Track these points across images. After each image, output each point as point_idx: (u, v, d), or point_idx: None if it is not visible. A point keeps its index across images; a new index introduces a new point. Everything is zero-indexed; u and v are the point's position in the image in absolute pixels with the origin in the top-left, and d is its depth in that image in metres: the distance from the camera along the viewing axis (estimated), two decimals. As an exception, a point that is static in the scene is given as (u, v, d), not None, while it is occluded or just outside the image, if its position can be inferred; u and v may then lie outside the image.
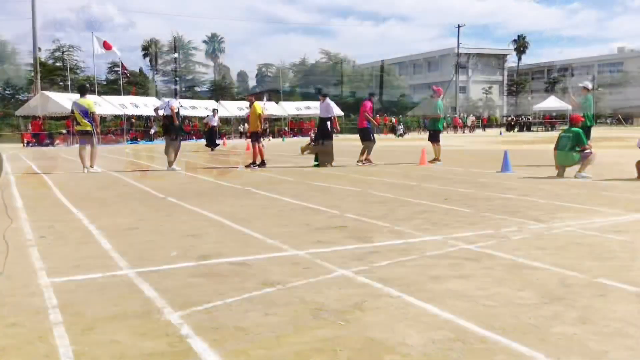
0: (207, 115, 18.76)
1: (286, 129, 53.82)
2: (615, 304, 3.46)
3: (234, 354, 2.86)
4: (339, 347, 2.90)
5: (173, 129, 14.24)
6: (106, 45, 42.12)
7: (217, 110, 25.36)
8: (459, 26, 70.55)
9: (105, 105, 39.29)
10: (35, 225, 6.53)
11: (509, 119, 67.15)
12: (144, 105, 42.93)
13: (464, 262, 4.53)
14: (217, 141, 27.26)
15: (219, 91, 69.18)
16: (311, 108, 56.75)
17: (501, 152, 13.19)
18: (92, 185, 10.89)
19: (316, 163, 14.76)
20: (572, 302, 3.50)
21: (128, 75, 50.86)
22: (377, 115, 61.24)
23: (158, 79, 72.41)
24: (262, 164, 14.59)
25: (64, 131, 37.89)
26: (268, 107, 51.83)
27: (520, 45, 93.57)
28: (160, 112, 14.65)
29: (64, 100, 36.48)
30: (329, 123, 15.10)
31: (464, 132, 55.83)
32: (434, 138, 15.43)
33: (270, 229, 6.09)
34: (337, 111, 15.41)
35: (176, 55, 69.55)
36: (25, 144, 36.03)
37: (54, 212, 7.59)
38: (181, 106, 15.81)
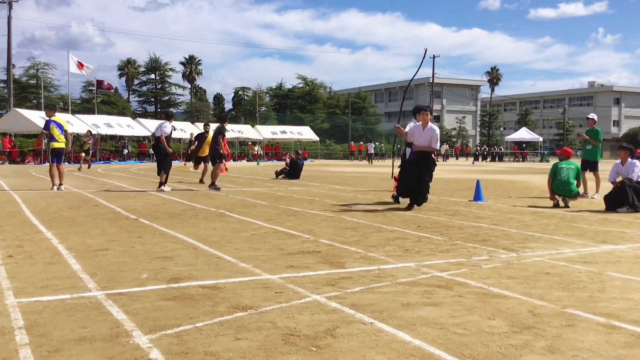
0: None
1: (261, 152, 53.88)
2: (583, 334, 3.51)
3: (204, 378, 2.82)
4: (310, 373, 2.89)
5: (163, 150, 14.14)
6: (79, 66, 42.04)
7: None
8: (434, 56, 71.51)
9: (78, 124, 38.92)
10: (3, 244, 6.41)
11: (482, 148, 68.12)
12: (117, 125, 42.67)
13: (436, 289, 4.56)
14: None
15: (195, 113, 69.02)
16: (287, 132, 57.09)
17: (473, 181, 13.34)
18: (62, 205, 10.73)
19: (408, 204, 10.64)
20: (541, 332, 3.53)
21: (110, 88, 50.52)
22: (361, 142, 61.68)
23: (133, 99, 72.07)
24: (201, 181, 15.36)
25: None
26: (243, 131, 52.04)
27: (494, 77, 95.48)
28: (157, 133, 14.52)
29: (36, 118, 36.12)
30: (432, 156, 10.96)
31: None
32: None
33: (243, 252, 6.06)
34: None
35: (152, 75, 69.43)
36: (-5, 161, 35.45)
37: (22, 231, 7.46)
38: (174, 129, 15.69)
